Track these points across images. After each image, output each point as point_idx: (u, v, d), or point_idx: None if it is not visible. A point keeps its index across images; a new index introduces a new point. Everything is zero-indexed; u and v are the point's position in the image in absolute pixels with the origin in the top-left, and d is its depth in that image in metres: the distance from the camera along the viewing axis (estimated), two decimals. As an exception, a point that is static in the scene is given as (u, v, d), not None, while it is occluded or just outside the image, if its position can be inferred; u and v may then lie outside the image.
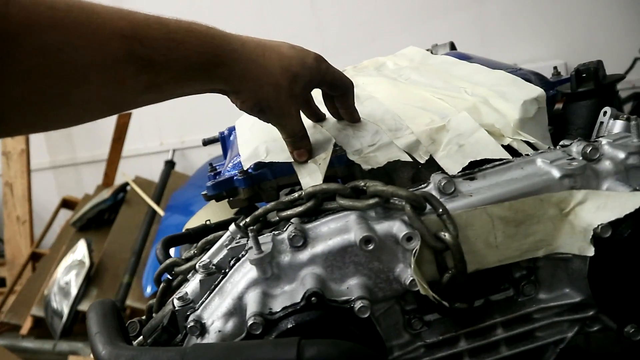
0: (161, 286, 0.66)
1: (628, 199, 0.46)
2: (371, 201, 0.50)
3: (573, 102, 0.63)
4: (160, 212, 2.67)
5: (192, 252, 0.65)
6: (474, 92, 0.65)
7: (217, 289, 0.52)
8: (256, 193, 0.66)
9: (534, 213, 0.50)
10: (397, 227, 0.48)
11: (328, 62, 0.60)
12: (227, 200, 0.69)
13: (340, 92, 0.63)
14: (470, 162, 0.56)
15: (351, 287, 0.49)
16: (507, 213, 0.49)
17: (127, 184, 2.83)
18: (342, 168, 0.62)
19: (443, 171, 0.56)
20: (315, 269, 0.49)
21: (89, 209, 2.63)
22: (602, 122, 0.59)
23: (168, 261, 0.65)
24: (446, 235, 0.46)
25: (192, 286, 0.56)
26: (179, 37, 0.49)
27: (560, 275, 0.53)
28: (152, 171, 2.97)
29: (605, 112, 0.59)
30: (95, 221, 2.70)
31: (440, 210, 0.47)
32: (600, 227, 0.47)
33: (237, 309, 0.50)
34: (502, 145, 0.57)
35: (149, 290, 2.35)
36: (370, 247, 0.47)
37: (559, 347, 0.54)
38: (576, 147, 0.53)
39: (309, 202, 0.55)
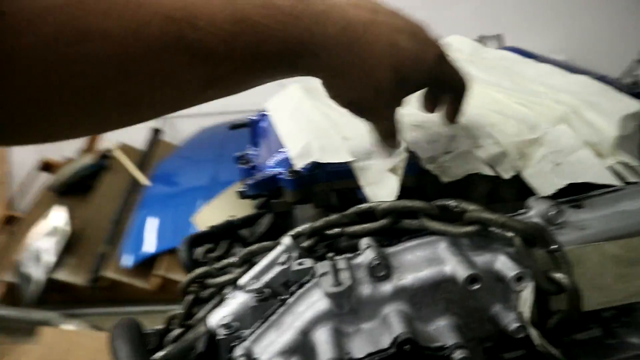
0: (189, 298, 0.57)
1: None
2: (470, 228, 0.42)
3: None
4: (145, 181, 2.56)
5: (229, 260, 0.57)
6: (559, 99, 0.58)
7: (273, 319, 0.44)
8: (305, 196, 0.58)
9: (649, 252, 0.43)
10: (501, 263, 0.41)
11: (450, 57, 0.48)
12: (269, 201, 0.60)
13: (454, 93, 0.52)
14: (565, 188, 0.49)
15: (440, 329, 0.42)
16: (621, 252, 0.43)
17: (110, 149, 2.69)
18: (412, 178, 0.54)
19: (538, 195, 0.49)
20: (400, 305, 0.42)
21: (71, 173, 2.50)
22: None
23: (199, 271, 0.57)
24: (562, 278, 0.40)
25: (235, 308, 0.48)
26: (249, 15, 0.37)
27: (661, 320, 0.47)
28: (138, 138, 2.83)
29: None
30: (76, 187, 2.57)
31: (554, 246, 0.41)
32: None
33: (300, 347, 0.42)
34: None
35: (126, 262, 2.25)
36: (476, 287, 0.39)
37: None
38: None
39: (384, 220, 0.48)
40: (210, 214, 0.86)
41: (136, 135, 2.84)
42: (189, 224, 2.31)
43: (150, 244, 2.26)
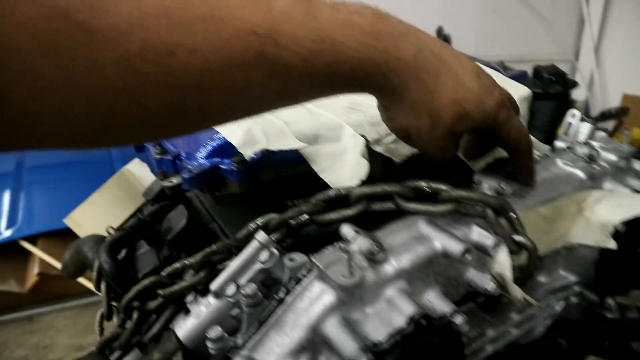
0: (136, 315, 0.50)
1: (635, 201, 0.54)
2: (448, 206, 0.46)
3: (540, 100, 0.69)
4: None
5: (179, 265, 0.51)
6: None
7: (272, 320, 0.43)
8: (251, 187, 0.55)
9: (563, 211, 0.54)
10: (477, 234, 0.47)
11: (511, 111, 0.47)
12: (210, 195, 0.56)
13: (511, 151, 0.49)
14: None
15: (432, 300, 0.46)
16: (548, 212, 0.53)
17: None
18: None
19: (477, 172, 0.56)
20: (400, 284, 0.44)
21: None
22: (570, 123, 0.67)
23: (148, 281, 0.50)
24: (522, 238, 0.47)
25: (213, 316, 0.45)
26: (331, 34, 0.36)
27: (558, 260, 0.59)
28: None
29: (574, 115, 0.67)
30: None
31: (513, 214, 0.48)
32: (617, 224, 0.54)
33: (310, 343, 0.42)
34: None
35: None
36: (469, 258, 0.44)
37: (549, 320, 0.61)
38: (580, 150, 0.58)
39: (358, 205, 0.49)
40: (88, 213, 0.75)
41: None
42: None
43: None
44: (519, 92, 0.65)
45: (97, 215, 0.79)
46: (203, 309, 0.46)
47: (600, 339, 0.61)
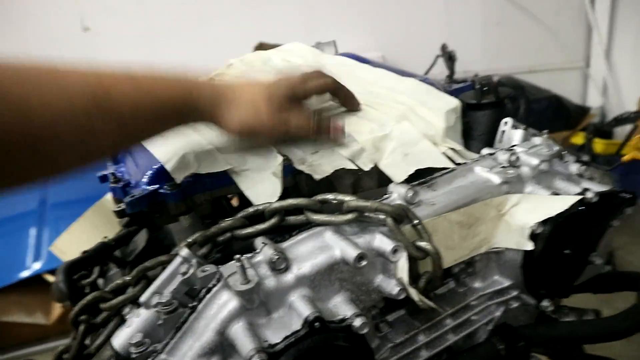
0: (82, 327, 0.55)
1: (555, 202, 0.56)
2: (350, 216, 0.50)
3: (476, 110, 0.72)
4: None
5: (120, 281, 0.56)
6: (397, 99, 0.69)
7: (186, 326, 0.46)
8: (187, 207, 0.60)
9: (480, 216, 0.56)
10: (378, 241, 0.50)
11: (310, 77, 0.62)
12: (154, 216, 0.60)
13: (332, 93, 0.66)
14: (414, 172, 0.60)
15: (338, 305, 0.48)
16: (462, 218, 0.55)
17: None
18: (289, 179, 0.60)
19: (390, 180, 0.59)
20: (302, 291, 0.47)
21: None
22: (503, 131, 0.69)
23: (91, 296, 0.55)
24: (426, 245, 0.49)
25: (141, 325, 0.49)
26: (146, 88, 0.51)
27: (491, 265, 0.61)
28: None
29: (506, 122, 0.69)
30: None
31: (416, 221, 0.50)
32: (533, 225, 0.55)
33: (218, 346, 0.45)
34: (437, 153, 0.62)
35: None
36: (364, 263, 0.47)
37: (490, 325, 0.62)
38: (502, 156, 0.61)
39: (272, 219, 0.53)
40: (70, 241, 0.81)
41: None
42: (18, 258, 2.06)
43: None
44: (447, 104, 0.67)
45: (78, 243, 0.85)
46: (135, 319, 0.50)
47: (542, 343, 0.62)
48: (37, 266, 2.11)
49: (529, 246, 0.55)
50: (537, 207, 0.56)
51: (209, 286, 0.47)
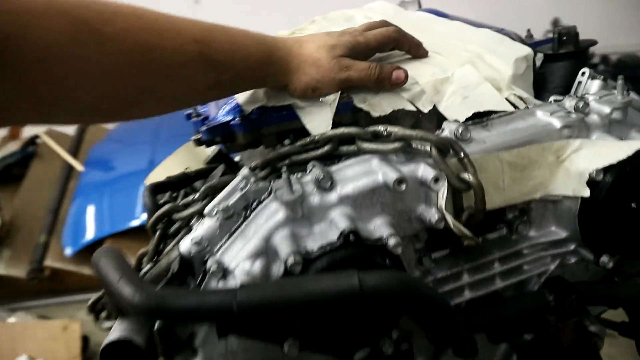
0: (158, 234, 0.64)
1: (618, 148, 0.53)
2: (396, 145, 0.52)
3: (552, 62, 0.69)
4: (79, 167, 2.50)
5: (191, 197, 0.63)
6: (467, 48, 0.69)
7: (238, 231, 0.52)
8: (255, 139, 0.66)
9: (536, 159, 0.55)
10: (422, 170, 0.51)
11: (364, 34, 0.64)
12: (224, 145, 0.67)
13: (394, 45, 0.66)
14: (473, 114, 0.59)
15: (378, 226, 0.51)
16: (515, 159, 0.54)
17: (37, 136, 2.60)
18: (348, 115, 0.63)
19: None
20: (344, 209, 0.51)
21: (-4, 163, 2.40)
22: (580, 82, 0.66)
23: (166, 207, 0.63)
24: (469, 177, 0.50)
25: (204, 230, 0.55)
26: (239, 41, 0.57)
27: (548, 215, 0.59)
28: (65, 124, 2.75)
29: (583, 73, 0.65)
30: (2, 176, 2.47)
31: (462, 154, 0.51)
32: (595, 172, 0.53)
33: (264, 251, 0.50)
34: (500, 98, 0.61)
35: (69, 250, 2.22)
36: (403, 187, 0.49)
37: (542, 278, 0.61)
38: (569, 102, 0.58)
39: (326, 146, 0.56)
40: (162, 174, 0.91)
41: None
42: (130, 209, 2.31)
43: (90, 231, 2.24)
44: (518, 52, 0.66)
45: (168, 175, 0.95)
46: (198, 226, 0.57)
47: (598, 301, 0.59)
48: (145, 216, 2.34)
49: (586, 193, 0.53)
50: (600, 152, 0.54)
51: (260, 199, 0.53)
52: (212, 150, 0.98)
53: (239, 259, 0.50)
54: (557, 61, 0.68)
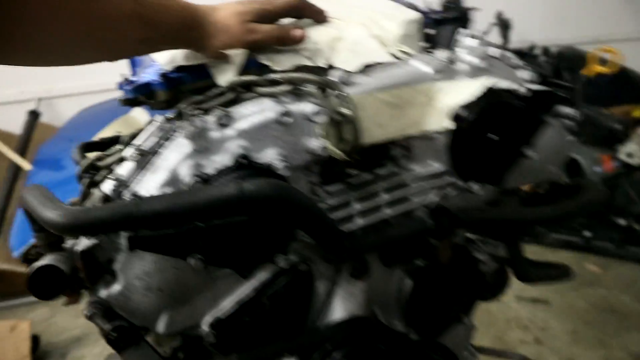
0: (86, 182, 0.70)
1: (473, 87, 0.63)
2: (285, 87, 0.60)
3: (440, 25, 0.79)
4: (26, 166, 2.50)
5: (115, 148, 0.70)
6: (363, 14, 0.78)
7: (149, 166, 0.59)
8: (175, 96, 0.73)
9: (409, 99, 0.64)
10: (306, 106, 0.60)
11: (271, 2, 0.72)
12: (148, 104, 0.74)
13: (298, 12, 0.75)
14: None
15: (269, 155, 0.59)
16: (390, 98, 0.64)
17: (-16, 135, 2.58)
18: (254, 70, 0.71)
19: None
20: (240, 141, 0.59)
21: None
22: (457, 39, 0.76)
23: (91, 157, 0.70)
24: (346, 110, 0.59)
25: (122, 169, 0.63)
26: (168, 5, 0.65)
27: (427, 150, 0.69)
28: (11, 123, 2.73)
29: (462, 33, 0.76)
30: (-51, 175, 2.44)
31: (341, 92, 0.60)
32: (458, 108, 0.63)
33: (172, 180, 0.58)
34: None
35: (16, 252, 2.21)
36: (290, 120, 0.58)
37: (427, 207, 0.70)
38: (441, 54, 0.68)
39: (229, 94, 0.64)
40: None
41: (11, 119, 2.75)
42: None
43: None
44: (408, 15, 0.75)
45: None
46: (118, 168, 0.64)
47: (474, 225, 0.69)
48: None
49: (450, 126, 0.63)
50: (461, 91, 0.64)
51: (169, 136, 0.60)
52: (145, 121, 1.05)
53: (150, 189, 0.58)
54: (444, 24, 0.79)
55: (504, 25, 2.90)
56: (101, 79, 2.40)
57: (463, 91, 0.64)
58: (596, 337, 2.18)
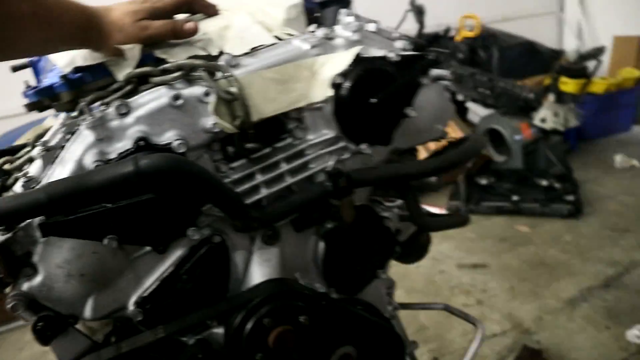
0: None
1: (347, 56, 0.71)
2: (176, 74, 0.66)
3: (324, 8, 0.87)
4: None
5: (23, 151, 0.73)
6: (250, 4, 0.85)
7: (58, 160, 0.63)
8: (78, 96, 0.77)
9: (293, 74, 0.71)
10: (196, 89, 0.66)
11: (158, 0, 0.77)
12: (53, 107, 0.78)
13: (189, 7, 0.80)
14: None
15: (169, 137, 0.65)
16: (276, 75, 0.70)
17: None
18: (152, 63, 0.76)
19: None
20: (139, 127, 0.64)
21: None
22: (340, 18, 0.84)
23: (0, 160, 0.73)
24: (233, 89, 0.65)
25: (33, 167, 0.66)
26: (65, 6, 0.69)
27: (318, 120, 0.76)
28: None
29: (342, 13, 0.83)
30: None
31: (227, 73, 0.66)
32: (337, 77, 0.70)
33: (79, 169, 0.62)
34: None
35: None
36: (181, 102, 0.63)
37: (326, 171, 0.77)
38: (320, 31, 0.76)
39: (127, 86, 0.69)
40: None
41: None
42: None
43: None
44: (289, 1, 0.82)
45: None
46: (29, 168, 0.68)
47: (368, 182, 0.77)
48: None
49: (330, 93, 0.70)
50: (336, 62, 0.71)
51: (72, 130, 0.64)
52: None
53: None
54: (327, 7, 0.86)
55: (418, 11, 3.05)
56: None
57: (340, 62, 0.71)
58: (531, 290, 2.34)
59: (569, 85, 3.01)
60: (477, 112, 3.36)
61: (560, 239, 2.71)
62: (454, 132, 3.11)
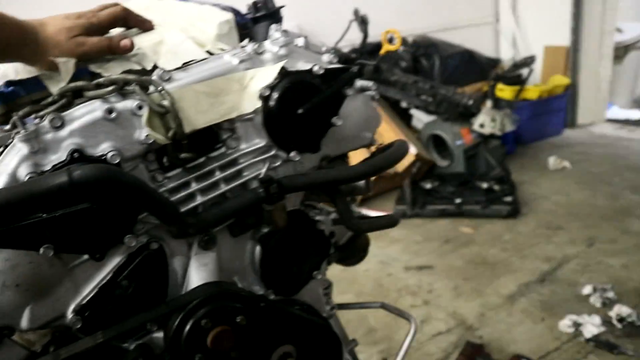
0: None
1: (274, 69, 0.76)
2: (110, 88, 0.69)
3: (256, 23, 0.91)
4: None
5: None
6: (183, 20, 0.89)
7: (-8, 173, 0.65)
8: (11, 110, 0.78)
9: (224, 87, 0.76)
10: (129, 102, 0.69)
11: (97, 14, 0.81)
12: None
13: (124, 22, 0.84)
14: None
15: (103, 149, 0.68)
16: (206, 88, 0.74)
17: None
18: (87, 77, 0.79)
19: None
20: (74, 140, 0.66)
21: None
22: (270, 34, 0.89)
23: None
24: (166, 103, 0.69)
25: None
26: (0, 21, 0.70)
27: (250, 130, 0.80)
28: None
29: (272, 28, 0.88)
30: None
31: (160, 87, 0.70)
32: (264, 89, 0.75)
33: (13, 182, 0.64)
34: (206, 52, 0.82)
35: None
36: (114, 115, 0.66)
37: (258, 178, 0.82)
38: (250, 46, 0.80)
39: (61, 100, 0.71)
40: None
41: None
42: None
43: None
44: (221, 17, 0.87)
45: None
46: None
47: (299, 188, 0.82)
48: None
49: (258, 104, 0.75)
50: (264, 76, 0.76)
51: (6, 144, 0.66)
52: None
53: (-3, 190, 0.63)
54: (258, 22, 0.91)
55: (362, 20, 3.15)
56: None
57: (267, 75, 0.76)
58: (474, 288, 2.46)
59: (505, 91, 3.19)
60: (420, 118, 3.49)
61: (500, 239, 2.86)
62: (397, 137, 3.22)
